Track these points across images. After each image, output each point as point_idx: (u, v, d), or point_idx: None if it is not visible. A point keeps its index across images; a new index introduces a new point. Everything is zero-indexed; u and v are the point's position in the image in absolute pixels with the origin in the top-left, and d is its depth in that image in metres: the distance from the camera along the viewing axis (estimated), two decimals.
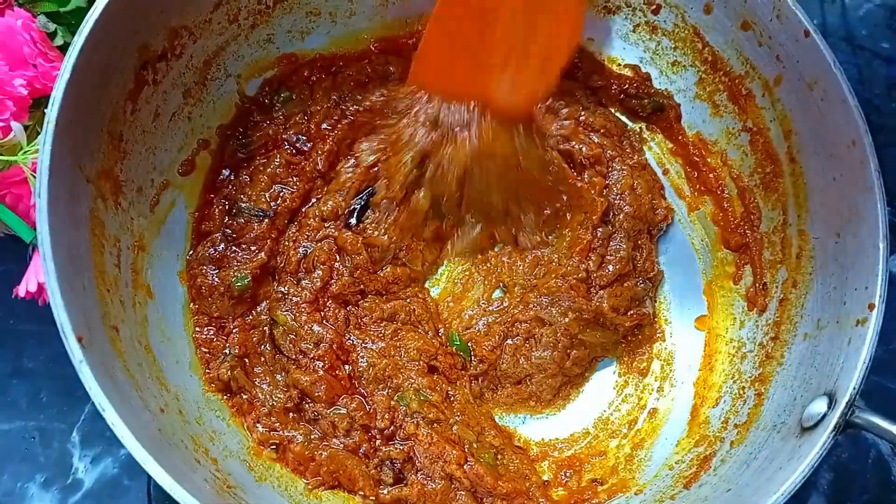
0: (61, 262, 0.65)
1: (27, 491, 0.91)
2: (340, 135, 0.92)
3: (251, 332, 0.87)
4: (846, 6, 1.16)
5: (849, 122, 0.75)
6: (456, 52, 0.82)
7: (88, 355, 0.63)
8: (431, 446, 0.82)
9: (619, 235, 0.92)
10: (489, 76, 0.83)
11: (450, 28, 0.80)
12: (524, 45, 0.81)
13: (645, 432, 0.90)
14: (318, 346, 0.86)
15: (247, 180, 0.90)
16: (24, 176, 0.81)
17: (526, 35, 0.80)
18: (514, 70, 0.82)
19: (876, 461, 0.97)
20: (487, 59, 0.81)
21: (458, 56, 0.82)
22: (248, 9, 0.86)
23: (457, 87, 0.84)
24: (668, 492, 0.82)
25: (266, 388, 0.85)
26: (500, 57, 0.81)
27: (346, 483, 0.82)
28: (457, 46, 0.81)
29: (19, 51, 0.81)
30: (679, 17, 0.90)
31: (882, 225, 0.73)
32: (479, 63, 0.82)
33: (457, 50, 0.81)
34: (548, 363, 0.89)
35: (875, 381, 0.99)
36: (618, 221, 0.92)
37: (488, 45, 0.80)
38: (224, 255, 0.87)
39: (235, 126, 0.90)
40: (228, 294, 0.86)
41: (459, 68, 0.83)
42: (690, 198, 0.96)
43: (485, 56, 0.81)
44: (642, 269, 0.93)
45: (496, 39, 0.80)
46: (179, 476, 0.63)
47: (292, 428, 0.84)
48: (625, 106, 0.97)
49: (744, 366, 0.87)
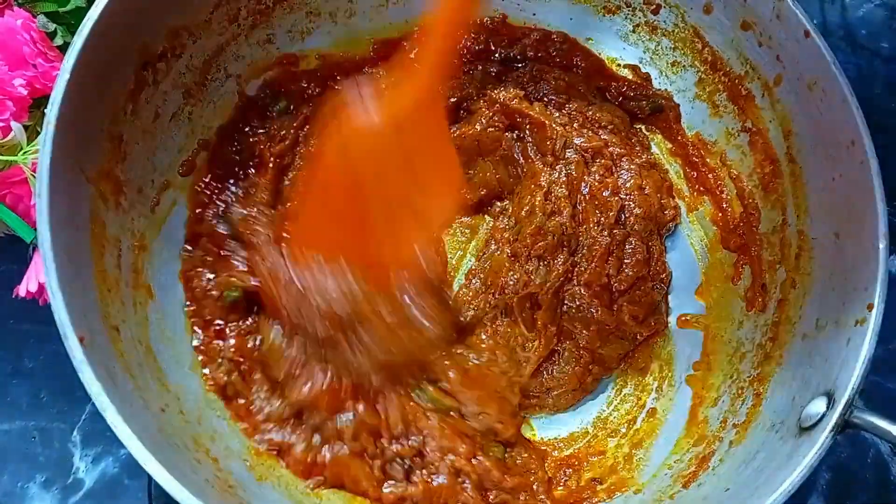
0: (61, 262, 0.65)
1: (27, 491, 0.91)
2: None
3: (247, 338, 0.85)
4: (846, 6, 1.16)
5: (849, 122, 0.75)
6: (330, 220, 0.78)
7: (89, 355, 0.63)
8: (443, 439, 0.82)
9: (632, 238, 0.91)
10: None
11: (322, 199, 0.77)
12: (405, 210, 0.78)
13: (644, 432, 0.90)
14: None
15: (240, 193, 0.89)
16: (24, 176, 0.81)
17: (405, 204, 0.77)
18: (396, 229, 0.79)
19: (875, 461, 0.97)
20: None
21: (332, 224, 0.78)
22: (248, 9, 0.86)
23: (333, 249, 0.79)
24: (667, 491, 0.82)
25: (263, 395, 0.84)
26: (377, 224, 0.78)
27: (350, 484, 0.82)
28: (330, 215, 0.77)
29: (19, 51, 0.81)
30: (679, 17, 0.90)
31: (882, 225, 0.73)
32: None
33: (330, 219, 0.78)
34: (569, 378, 0.89)
35: (874, 381, 0.99)
36: (629, 223, 0.91)
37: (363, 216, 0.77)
38: (216, 260, 0.86)
39: (232, 128, 0.90)
40: (220, 302, 0.85)
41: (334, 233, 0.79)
42: (689, 198, 0.96)
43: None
44: (654, 270, 0.92)
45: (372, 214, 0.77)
46: (180, 476, 0.63)
47: (292, 433, 0.83)
48: (624, 107, 0.96)
49: (742, 366, 0.87)
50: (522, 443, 0.88)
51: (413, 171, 0.76)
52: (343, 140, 0.74)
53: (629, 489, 0.85)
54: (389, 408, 0.83)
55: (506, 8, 0.94)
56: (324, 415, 0.82)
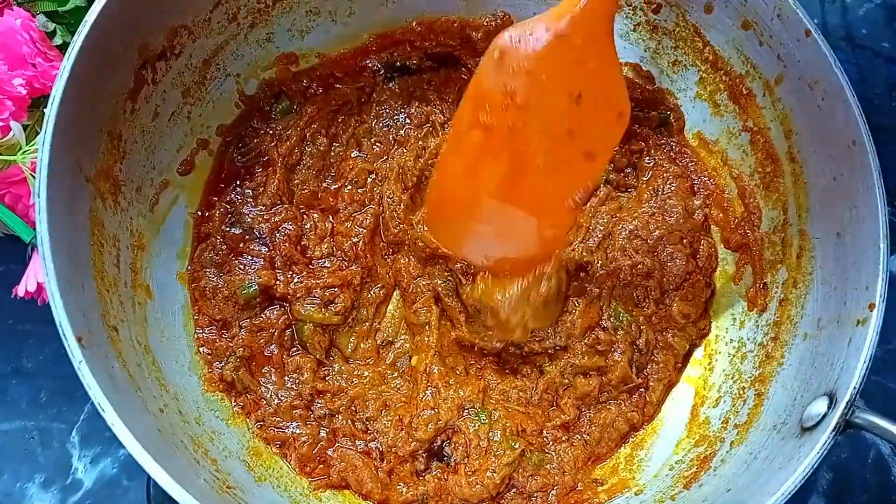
0: (61, 262, 0.65)
1: (27, 491, 0.91)
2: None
3: (259, 334, 0.87)
4: (846, 6, 1.16)
5: (849, 122, 0.75)
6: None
7: (88, 355, 0.63)
8: (478, 448, 0.84)
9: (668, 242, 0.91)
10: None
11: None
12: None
13: (645, 432, 0.90)
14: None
15: (249, 193, 0.90)
16: (24, 176, 0.81)
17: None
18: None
19: (876, 461, 0.97)
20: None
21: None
22: (248, 7, 0.85)
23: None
24: (668, 492, 0.82)
25: (272, 388, 0.86)
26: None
27: (355, 484, 0.82)
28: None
29: (18, 50, 0.80)
30: (680, 16, 0.89)
31: (882, 225, 0.73)
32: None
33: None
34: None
35: (875, 381, 0.99)
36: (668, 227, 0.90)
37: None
38: (226, 259, 0.88)
39: (236, 129, 0.90)
40: (233, 300, 0.86)
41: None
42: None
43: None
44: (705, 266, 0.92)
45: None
46: (179, 476, 0.63)
47: (298, 427, 0.84)
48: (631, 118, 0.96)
49: (744, 366, 0.87)
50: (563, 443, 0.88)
51: (578, 98, 0.70)
52: (502, 76, 0.69)
53: (630, 490, 0.85)
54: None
55: (507, 7, 0.94)
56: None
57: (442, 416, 0.84)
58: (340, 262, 0.89)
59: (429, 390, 0.85)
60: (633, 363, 0.88)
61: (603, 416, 0.88)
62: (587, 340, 0.87)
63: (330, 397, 0.87)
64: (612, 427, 0.87)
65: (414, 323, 0.89)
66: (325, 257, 0.89)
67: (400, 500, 0.82)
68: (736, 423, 0.83)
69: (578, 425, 0.88)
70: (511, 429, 0.85)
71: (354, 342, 0.89)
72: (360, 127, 0.94)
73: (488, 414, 0.85)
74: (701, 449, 0.84)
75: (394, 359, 0.90)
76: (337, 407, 0.86)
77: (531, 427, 0.86)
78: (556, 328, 0.87)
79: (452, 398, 0.85)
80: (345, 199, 0.91)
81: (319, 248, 0.89)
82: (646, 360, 0.89)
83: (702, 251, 0.92)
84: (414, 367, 0.88)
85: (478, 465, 0.83)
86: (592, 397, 0.87)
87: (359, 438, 0.85)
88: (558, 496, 0.84)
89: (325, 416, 0.85)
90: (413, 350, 0.90)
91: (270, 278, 0.86)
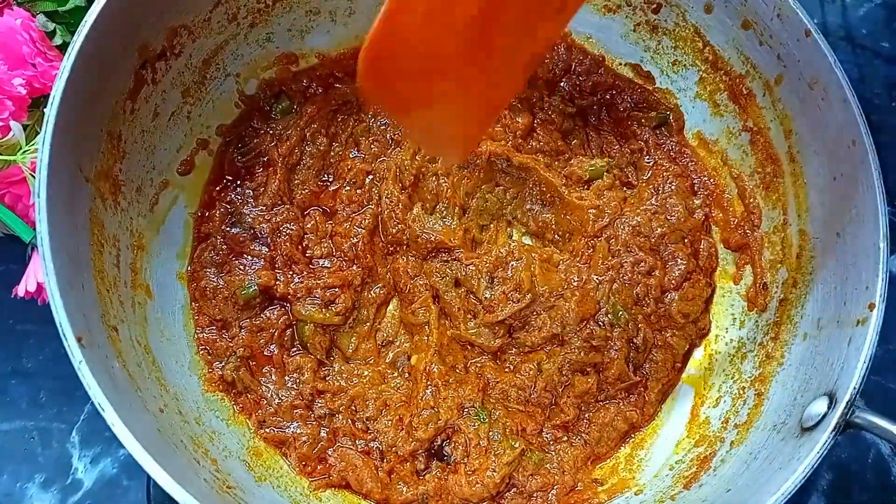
0: (61, 262, 0.65)
1: (27, 491, 0.91)
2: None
3: (259, 335, 0.87)
4: (846, 6, 1.16)
5: (849, 122, 0.75)
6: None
7: (88, 355, 0.63)
8: (478, 447, 0.84)
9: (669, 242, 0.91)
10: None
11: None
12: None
13: (645, 432, 0.90)
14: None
15: (249, 193, 0.90)
16: (23, 175, 0.81)
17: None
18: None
19: (876, 461, 0.97)
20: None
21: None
22: (248, 7, 0.85)
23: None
24: (668, 492, 0.82)
25: (272, 388, 0.86)
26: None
27: (355, 484, 0.82)
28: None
29: (18, 50, 0.80)
30: (680, 16, 0.89)
31: (882, 225, 0.73)
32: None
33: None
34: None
35: (875, 381, 0.99)
36: (668, 226, 0.90)
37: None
38: (226, 259, 0.88)
39: (236, 129, 0.90)
40: (233, 300, 0.86)
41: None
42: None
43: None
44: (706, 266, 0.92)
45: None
46: (179, 476, 0.63)
47: (298, 426, 0.85)
48: (631, 118, 0.96)
49: (744, 366, 0.87)
50: (565, 444, 0.88)
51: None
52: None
53: (630, 490, 0.85)
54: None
55: None
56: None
57: (442, 416, 0.84)
58: (340, 262, 0.89)
59: (429, 389, 0.85)
60: (629, 361, 0.88)
61: (602, 415, 0.88)
62: (582, 334, 0.87)
63: (330, 397, 0.87)
64: (612, 426, 0.87)
65: (412, 323, 0.89)
66: (325, 257, 0.89)
67: (400, 499, 0.82)
68: (736, 423, 0.83)
69: (578, 425, 0.88)
70: (511, 428, 0.85)
71: (356, 342, 0.89)
72: (358, 126, 0.94)
73: (488, 413, 0.85)
74: (701, 449, 0.84)
75: (393, 358, 0.90)
76: (337, 407, 0.86)
77: (531, 426, 0.86)
78: (550, 314, 0.87)
79: (452, 397, 0.85)
80: (343, 199, 0.92)
81: (319, 248, 0.89)
82: (643, 359, 0.89)
83: (703, 251, 0.92)
84: (414, 367, 0.88)
85: (478, 464, 0.83)
86: (591, 395, 0.87)
87: (359, 438, 0.85)
88: (558, 496, 0.84)
89: (325, 415, 0.86)
90: (412, 349, 0.90)
91: (270, 278, 0.86)
